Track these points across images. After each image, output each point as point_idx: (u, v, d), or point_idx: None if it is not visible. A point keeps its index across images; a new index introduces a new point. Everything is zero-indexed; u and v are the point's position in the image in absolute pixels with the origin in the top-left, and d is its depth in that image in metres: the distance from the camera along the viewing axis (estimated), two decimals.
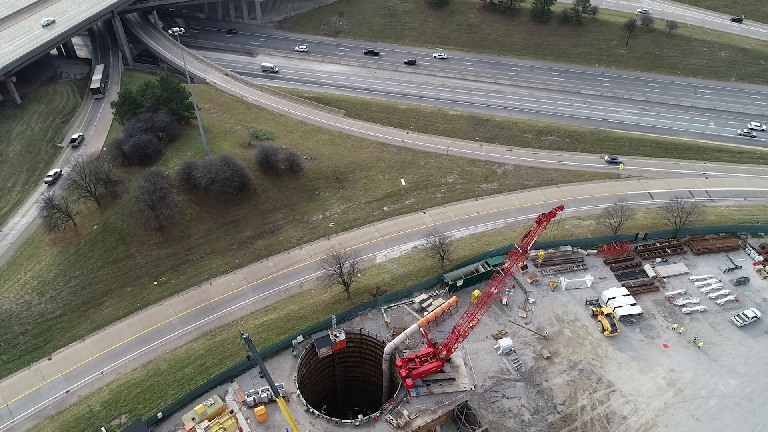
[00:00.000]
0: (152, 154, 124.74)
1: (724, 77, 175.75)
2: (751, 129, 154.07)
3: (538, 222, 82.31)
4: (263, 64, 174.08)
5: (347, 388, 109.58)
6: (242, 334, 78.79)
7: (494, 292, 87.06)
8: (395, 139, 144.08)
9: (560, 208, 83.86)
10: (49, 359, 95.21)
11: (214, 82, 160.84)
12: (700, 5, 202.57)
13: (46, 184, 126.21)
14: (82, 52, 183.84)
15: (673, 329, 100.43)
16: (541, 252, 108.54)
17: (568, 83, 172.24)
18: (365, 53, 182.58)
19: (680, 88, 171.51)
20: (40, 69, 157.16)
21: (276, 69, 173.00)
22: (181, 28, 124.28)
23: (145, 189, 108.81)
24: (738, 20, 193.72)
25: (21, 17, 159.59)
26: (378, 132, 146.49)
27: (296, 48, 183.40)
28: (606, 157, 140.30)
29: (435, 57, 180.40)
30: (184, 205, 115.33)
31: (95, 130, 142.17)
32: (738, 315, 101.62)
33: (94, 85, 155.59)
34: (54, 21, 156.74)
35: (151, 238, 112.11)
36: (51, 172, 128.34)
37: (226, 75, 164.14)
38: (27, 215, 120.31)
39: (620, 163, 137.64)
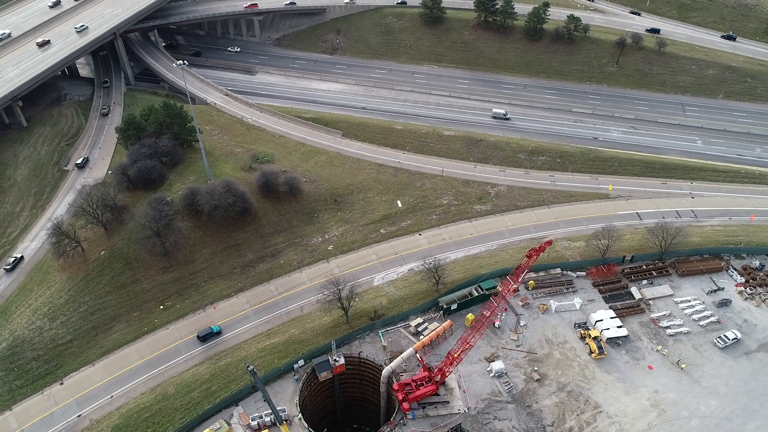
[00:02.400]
0: (156, 179, 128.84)
1: (711, 95, 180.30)
2: None
3: (528, 256, 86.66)
4: (494, 110, 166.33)
5: (346, 407, 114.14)
6: (248, 366, 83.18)
7: (486, 315, 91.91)
8: (392, 160, 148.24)
9: (549, 243, 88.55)
10: (61, 384, 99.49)
11: (215, 103, 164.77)
12: (690, 21, 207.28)
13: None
14: (84, 70, 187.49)
15: (658, 351, 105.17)
16: (531, 282, 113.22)
17: (560, 101, 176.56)
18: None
19: (669, 106, 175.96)
20: (44, 91, 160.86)
21: (507, 116, 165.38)
22: (185, 61, 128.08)
23: (151, 217, 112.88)
24: (731, 38, 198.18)
25: (26, 40, 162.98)
26: (375, 153, 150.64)
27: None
28: None
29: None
30: (188, 230, 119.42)
31: (100, 153, 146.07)
32: (719, 336, 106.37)
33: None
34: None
35: (156, 263, 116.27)
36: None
37: (226, 95, 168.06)
38: (36, 240, 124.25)
39: None
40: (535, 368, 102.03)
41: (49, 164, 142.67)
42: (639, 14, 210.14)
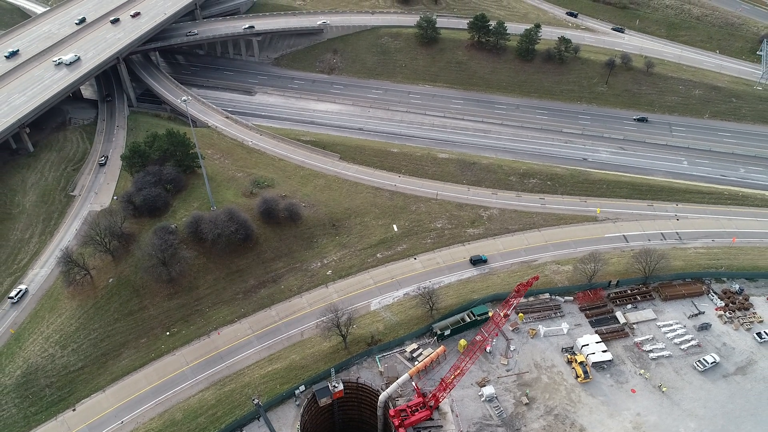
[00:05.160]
0: (161, 206, 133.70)
1: (698, 114, 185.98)
2: None
3: (517, 291, 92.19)
4: None
5: (345, 428, 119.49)
6: (254, 399, 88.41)
7: (478, 340, 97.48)
8: (388, 183, 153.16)
9: (536, 278, 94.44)
10: (74, 410, 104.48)
11: (216, 126, 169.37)
12: (678, 40, 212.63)
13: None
14: (87, 91, 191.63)
15: (641, 374, 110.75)
16: (521, 314, 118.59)
17: (551, 121, 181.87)
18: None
19: (657, 126, 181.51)
20: (50, 115, 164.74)
21: None
22: (189, 97, 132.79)
23: (157, 246, 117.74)
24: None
25: (31, 65, 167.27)
26: (371, 176, 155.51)
27: None
28: None
29: None
30: (192, 257, 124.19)
31: (105, 178, 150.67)
32: (699, 360, 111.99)
33: None
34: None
35: (162, 289, 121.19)
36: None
37: (227, 118, 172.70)
38: (45, 266, 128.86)
39: None
40: (527, 392, 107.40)
41: (56, 190, 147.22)
42: (623, 30, 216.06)
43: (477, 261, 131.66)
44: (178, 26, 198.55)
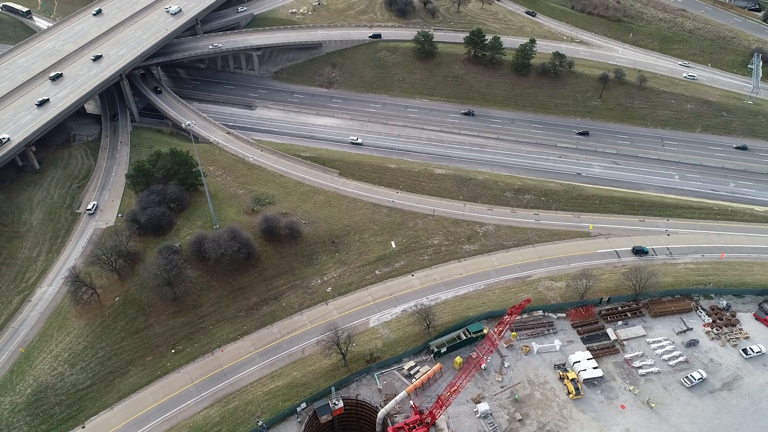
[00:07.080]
0: (165, 224, 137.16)
1: (689, 128, 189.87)
2: None
3: (510, 314, 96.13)
4: None
5: None
6: (257, 421, 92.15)
7: (474, 358, 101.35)
8: (386, 199, 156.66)
9: (528, 300, 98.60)
10: (83, 428, 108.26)
11: (217, 142, 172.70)
12: (671, 53, 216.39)
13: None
14: (90, 106, 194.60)
15: (630, 390, 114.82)
16: (514, 333, 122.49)
17: (545, 135, 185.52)
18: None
19: (649, 140, 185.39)
20: (54, 132, 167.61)
21: None
22: (192, 122, 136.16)
23: (162, 266, 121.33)
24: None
25: (35, 83, 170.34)
26: (370, 192, 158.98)
27: None
28: None
29: None
30: (196, 276, 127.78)
31: (109, 195, 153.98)
32: (686, 376, 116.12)
33: None
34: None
35: (167, 308, 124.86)
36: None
37: (228, 134, 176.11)
38: (53, 284, 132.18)
39: None
40: (516, 397, 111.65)
41: (61, 207, 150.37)
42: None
43: (639, 251, 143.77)
44: (179, 41, 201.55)
